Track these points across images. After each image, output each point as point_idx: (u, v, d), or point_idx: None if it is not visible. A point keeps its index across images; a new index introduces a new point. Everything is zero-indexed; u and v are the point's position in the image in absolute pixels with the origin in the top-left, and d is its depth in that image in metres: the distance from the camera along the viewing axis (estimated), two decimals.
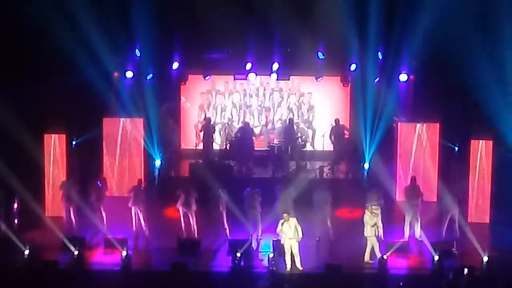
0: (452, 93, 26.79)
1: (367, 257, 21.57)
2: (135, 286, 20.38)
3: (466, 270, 20.28)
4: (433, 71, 27.13)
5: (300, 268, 20.93)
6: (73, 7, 26.17)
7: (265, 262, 21.19)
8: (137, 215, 23.07)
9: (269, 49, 28.26)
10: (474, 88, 25.86)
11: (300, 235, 21.08)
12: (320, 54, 28.44)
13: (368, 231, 21.54)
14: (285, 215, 21.11)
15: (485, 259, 20.97)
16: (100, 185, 23.90)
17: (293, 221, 21.07)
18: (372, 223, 21.50)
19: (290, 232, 20.92)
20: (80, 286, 20.25)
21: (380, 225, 22.20)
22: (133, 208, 23.07)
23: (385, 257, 21.14)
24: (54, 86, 25.81)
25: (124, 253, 21.03)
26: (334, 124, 28.66)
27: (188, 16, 27.31)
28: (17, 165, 23.92)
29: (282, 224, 21.04)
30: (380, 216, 21.99)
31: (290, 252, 20.97)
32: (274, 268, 20.84)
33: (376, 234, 21.63)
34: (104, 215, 23.42)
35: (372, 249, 21.52)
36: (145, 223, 23.07)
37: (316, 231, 23.09)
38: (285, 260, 20.99)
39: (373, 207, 21.85)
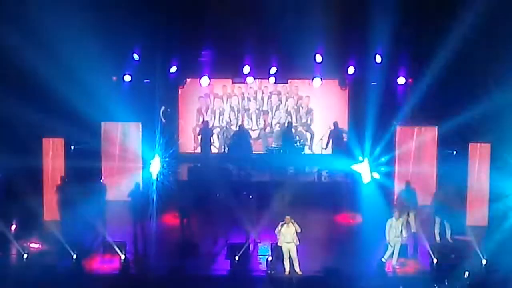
0: (450, 96, 26.74)
1: (394, 261, 21.50)
2: None
3: (465, 273, 20.32)
4: (432, 74, 27.09)
5: (299, 272, 20.91)
6: (71, 10, 26.13)
7: (264, 266, 21.21)
8: (137, 220, 23.09)
9: (267, 52, 28.27)
10: (471, 90, 25.88)
11: (297, 240, 21.02)
12: (318, 57, 28.37)
13: (391, 238, 21.44)
14: (287, 217, 21.06)
15: (484, 262, 21.00)
16: (100, 188, 23.94)
17: (293, 225, 21.02)
18: (394, 229, 21.46)
19: (288, 236, 20.88)
20: None
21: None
22: (133, 212, 23.11)
23: (383, 260, 21.18)
24: (53, 90, 25.80)
25: (123, 257, 21.05)
26: (332, 127, 28.70)
27: (187, 20, 27.30)
28: (16, 169, 23.92)
29: (282, 225, 21.01)
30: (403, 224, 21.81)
31: (288, 256, 20.95)
32: (272, 272, 20.85)
33: (399, 241, 21.52)
34: (104, 219, 23.42)
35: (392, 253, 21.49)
36: (144, 227, 23.09)
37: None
38: (283, 264, 20.98)
39: (400, 213, 21.79)
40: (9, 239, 22.33)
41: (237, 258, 20.97)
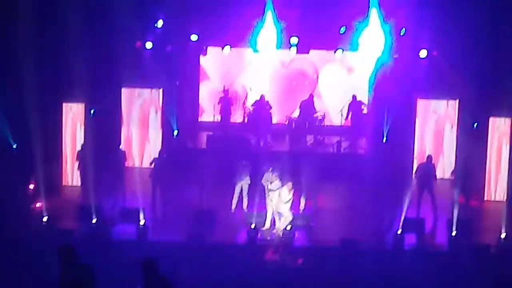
0: (472, 69, 26.50)
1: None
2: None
3: (482, 248, 20.28)
4: (454, 47, 26.82)
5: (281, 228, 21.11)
6: None
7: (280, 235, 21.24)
8: (157, 187, 23.14)
9: (288, 21, 28.01)
10: (494, 64, 25.66)
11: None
12: (342, 29, 28.04)
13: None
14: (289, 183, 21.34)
15: (503, 236, 20.92)
16: (120, 155, 24.05)
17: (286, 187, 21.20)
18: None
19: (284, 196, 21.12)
20: (96, 255, 20.27)
21: None
22: (153, 179, 23.17)
23: (399, 232, 21.12)
24: (74, 55, 25.78)
25: (141, 223, 21.12)
26: (351, 99, 28.62)
27: None
28: (35, 134, 23.97)
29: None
30: None
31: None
32: (288, 241, 20.88)
33: None
34: (123, 185, 23.51)
35: None
36: (163, 194, 23.16)
37: None
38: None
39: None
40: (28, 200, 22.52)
41: (253, 226, 21.02)
